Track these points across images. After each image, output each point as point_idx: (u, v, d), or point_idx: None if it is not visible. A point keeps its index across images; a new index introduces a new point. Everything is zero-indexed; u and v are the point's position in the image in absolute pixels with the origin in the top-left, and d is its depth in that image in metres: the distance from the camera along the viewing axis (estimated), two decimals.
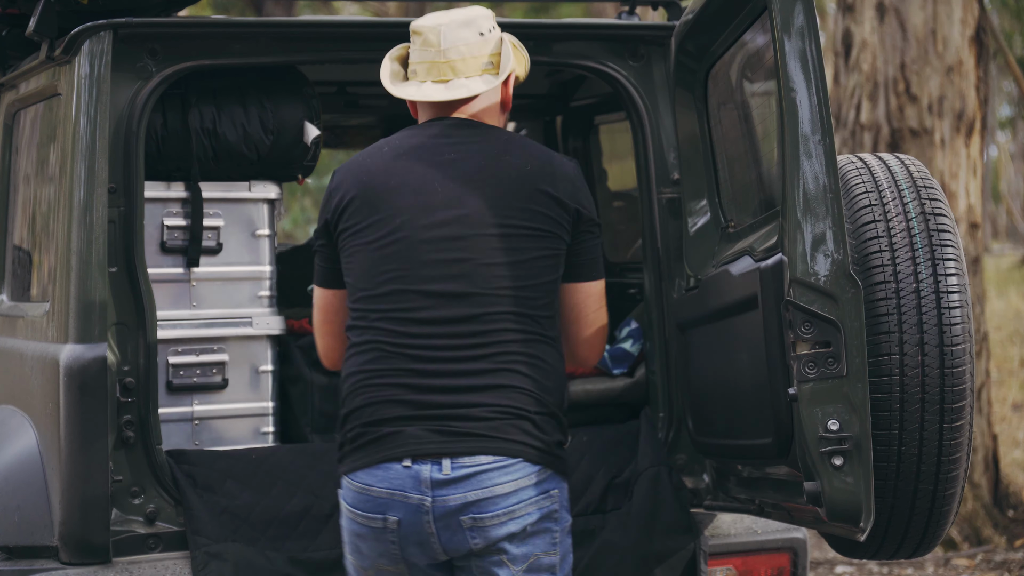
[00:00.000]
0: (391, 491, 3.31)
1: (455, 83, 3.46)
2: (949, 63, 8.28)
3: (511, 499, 3.30)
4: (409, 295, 3.36)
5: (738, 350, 3.76)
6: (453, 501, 3.28)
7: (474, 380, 3.33)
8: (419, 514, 3.30)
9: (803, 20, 3.42)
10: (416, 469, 3.29)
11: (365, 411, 3.36)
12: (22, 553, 3.86)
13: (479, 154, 3.43)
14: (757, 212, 3.91)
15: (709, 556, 4.27)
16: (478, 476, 3.29)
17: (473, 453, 3.29)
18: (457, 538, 3.31)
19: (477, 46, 3.48)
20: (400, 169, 3.43)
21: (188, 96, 4.18)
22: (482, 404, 3.32)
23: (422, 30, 3.48)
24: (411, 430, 3.31)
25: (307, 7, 19.48)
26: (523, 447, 3.32)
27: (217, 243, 4.23)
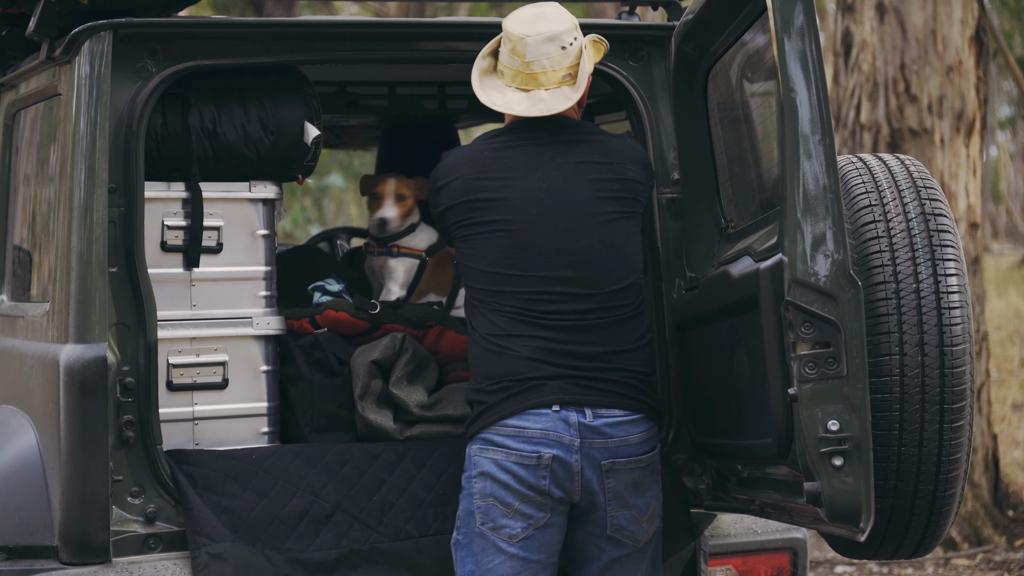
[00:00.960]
0: (544, 431, 3.71)
1: (535, 95, 3.81)
2: (949, 63, 8.28)
3: (641, 448, 3.78)
4: (533, 280, 3.76)
5: (738, 350, 3.76)
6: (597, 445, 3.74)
7: (603, 347, 3.77)
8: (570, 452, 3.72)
9: (803, 20, 3.42)
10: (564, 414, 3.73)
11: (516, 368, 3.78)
12: (22, 553, 3.86)
13: (568, 157, 3.84)
14: (757, 212, 3.91)
15: (709, 556, 4.27)
16: (616, 426, 3.75)
17: (610, 406, 3.74)
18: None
19: (558, 59, 3.82)
20: (503, 164, 3.83)
21: (188, 96, 4.17)
22: (613, 368, 3.78)
23: (512, 38, 3.83)
24: (555, 383, 3.73)
25: (307, 7, 19.49)
26: (644, 404, 3.81)
27: (217, 243, 4.23)
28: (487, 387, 3.78)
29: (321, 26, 4.30)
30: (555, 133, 3.88)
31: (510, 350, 3.76)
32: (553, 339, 3.76)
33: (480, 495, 3.76)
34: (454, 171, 3.88)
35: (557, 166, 3.84)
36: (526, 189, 3.81)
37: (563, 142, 3.88)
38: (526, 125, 3.89)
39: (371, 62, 4.59)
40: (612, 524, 3.79)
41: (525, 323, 3.76)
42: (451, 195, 3.87)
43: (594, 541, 3.82)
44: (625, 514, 3.79)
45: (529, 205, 3.80)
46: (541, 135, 3.88)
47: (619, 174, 3.87)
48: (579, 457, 3.72)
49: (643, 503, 3.82)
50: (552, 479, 3.72)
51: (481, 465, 3.76)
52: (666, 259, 4.27)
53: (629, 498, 3.79)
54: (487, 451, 3.75)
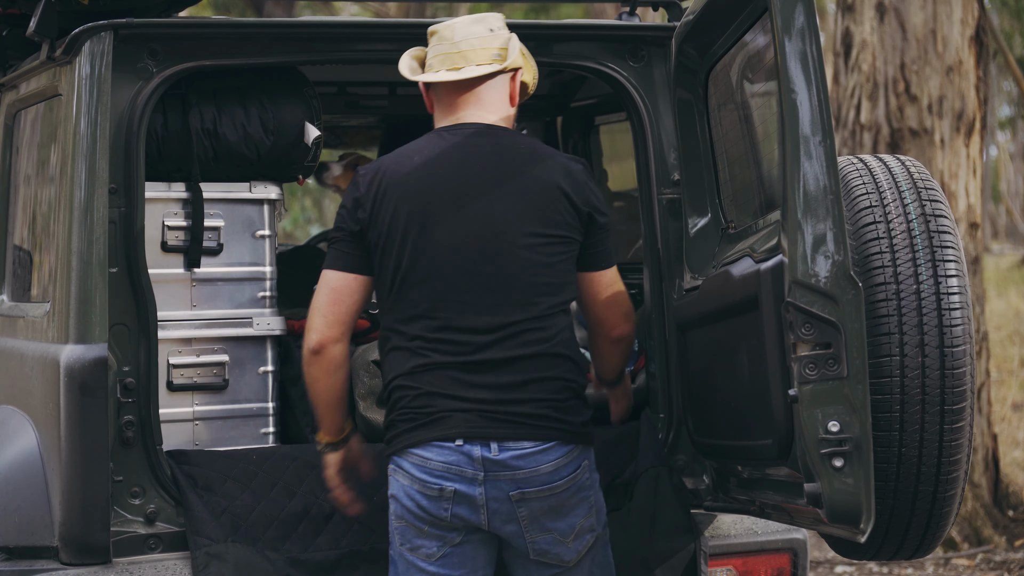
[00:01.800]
0: (447, 464, 3.63)
1: (466, 69, 3.76)
2: (949, 63, 8.28)
3: (556, 475, 3.67)
4: (449, 304, 3.66)
5: (738, 351, 3.76)
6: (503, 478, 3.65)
7: (513, 377, 3.66)
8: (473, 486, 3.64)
9: (803, 21, 3.42)
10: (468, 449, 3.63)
11: (418, 401, 3.68)
12: (22, 553, 3.86)
13: (501, 166, 3.73)
14: (757, 213, 3.91)
15: (709, 557, 4.27)
16: (524, 458, 3.64)
17: (518, 439, 3.64)
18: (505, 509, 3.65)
19: (487, 39, 3.79)
20: (433, 180, 3.71)
21: (188, 96, 4.17)
22: (521, 400, 3.66)
23: (437, 29, 3.82)
24: (460, 416, 3.64)
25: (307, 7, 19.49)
26: (558, 432, 3.68)
27: (218, 243, 4.23)
28: (396, 415, 3.70)
29: (321, 26, 4.30)
30: (482, 139, 3.75)
31: (420, 385, 3.66)
32: (466, 371, 3.65)
33: (394, 516, 3.72)
34: (376, 184, 3.73)
35: (488, 180, 3.71)
36: (451, 215, 3.68)
37: (490, 156, 3.73)
38: (451, 131, 3.76)
39: (371, 62, 4.59)
40: (533, 549, 3.69)
41: (438, 352, 3.66)
42: (371, 204, 3.72)
43: (521, 563, 3.74)
44: (546, 538, 3.69)
45: (452, 235, 3.67)
46: (471, 142, 3.74)
47: (546, 203, 3.70)
48: (483, 490, 3.63)
49: (565, 525, 3.70)
50: (455, 510, 3.64)
51: (392, 487, 3.71)
52: (666, 260, 4.27)
53: (547, 523, 3.68)
54: (397, 474, 3.69)
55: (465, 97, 3.79)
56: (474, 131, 3.77)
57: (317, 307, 3.76)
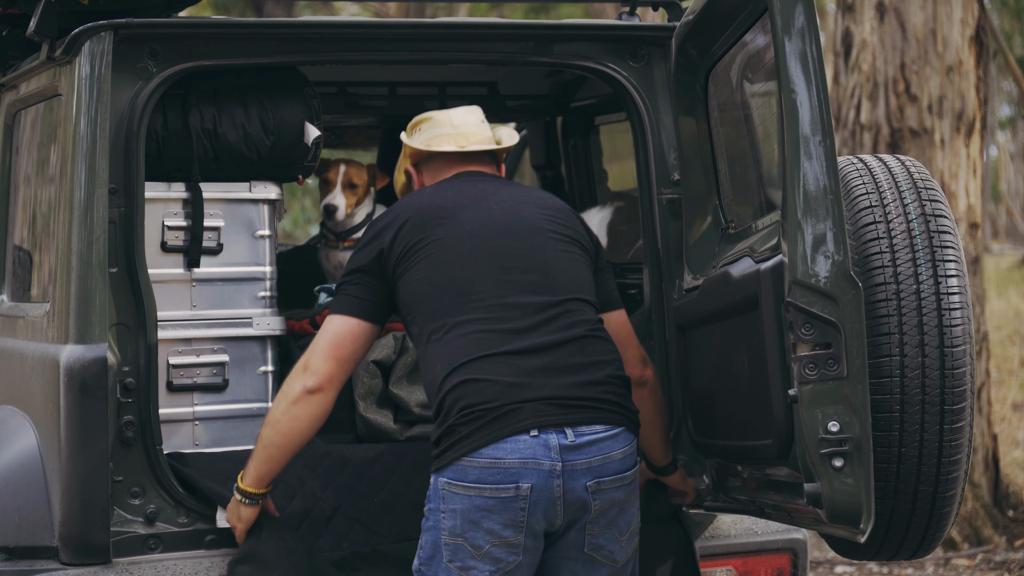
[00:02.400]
0: (522, 460, 3.52)
1: (470, 146, 3.96)
2: (949, 63, 8.28)
3: (625, 463, 3.65)
4: (497, 290, 3.68)
5: (738, 351, 3.76)
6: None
7: (570, 359, 3.63)
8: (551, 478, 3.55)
9: (803, 21, 3.42)
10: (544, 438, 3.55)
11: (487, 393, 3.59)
12: (22, 553, 3.86)
13: (516, 191, 3.92)
14: (757, 213, 3.91)
15: (710, 557, 4.27)
16: (598, 443, 3.60)
17: (590, 423, 3.60)
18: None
19: (482, 127, 4.01)
20: (450, 193, 3.86)
21: (188, 96, 4.17)
22: (585, 383, 3.63)
23: (430, 116, 4.02)
24: (530, 407, 3.56)
25: (307, 7, 19.48)
26: (624, 418, 3.67)
27: (217, 244, 4.23)
28: (456, 418, 3.54)
29: (321, 26, 4.30)
30: (493, 179, 3.96)
31: (479, 376, 3.55)
32: (524, 355, 3.58)
33: (449, 533, 3.54)
34: (396, 211, 3.84)
35: (505, 195, 3.86)
36: (477, 211, 3.79)
37: (504, 183, 3.94)
38: (459, 174, 3.96)
39: (371, 63, 4.59)
40: (590, 543, 3.61)
41: (491, 341, 3.59)
42: (396, 225, 3.78)
43: (570, 565, 3.63)
44: (607, 533, 3.62)
45: (482, 222, 3.76)
46: (479, 178, 3.94)
47: (564, 213, 3.90)
48: (560, 482, 3.52)
49: (624, 523, 3.66)
50: (531, 511, 3.52)
51: (451, 501, 3.53)
52: (666, 260, 4.27)
53: (613, 517, 3.63)
54: (457, 486, 3.52)
55: (465, 166, 3.97)
56: (479, 176, 3.95)
57: (323, 348, 3.73)
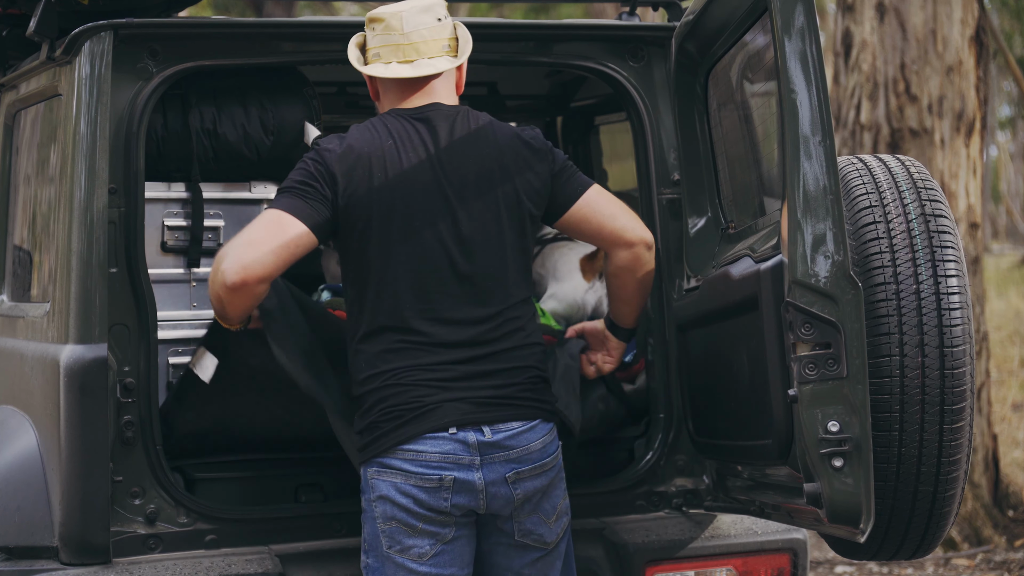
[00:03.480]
0: (443, 454, 3.63)
1: (420, 63, 3.76)
2: (949, 63, 8.28)
3: (544, 452, 3.74)
4: (429, 300, 3.67)
5: (738, 351, 3.76)
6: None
7: (494, 366, 3.70)
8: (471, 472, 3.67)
9: (803, 21, 3.42)
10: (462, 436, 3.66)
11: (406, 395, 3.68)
12: (22, 553, 3.86)
13: (468, 149, 3.73)
14: (757, 213, 3.91)
15: (710, 557, 4.27)
16: (515, 437, 3.70)
17: (507, 420, 3.68)
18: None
19: (436, 30, 3.78)
20: (400, 154, 3.70)
21: (188, 96, 4.17)
22: (503, 385, 3.70)
23: (383, 16, 3.77)
24: (450, 406, 3.65)
25: (307, 7, 19.49)
26: (538, 410, 3.75)
27: (217, 244, 4.23)
28: (379, 416, 3.66)
29: (321, 26, 4.30)
30: (444, 122, 3.74)
31: (401, 382, 3.65)
32: (449, 366, 3.67)
33: (382, 518, 3.65)
34: (356, 164, 3.67)
35: (459, 162, 3.70)
36: (426, 197, 3.68)
37: (455, 135, 3.72)
38: (411, 114, 3.75)
39: None
40: (519, 529, 3.72)
41: (419, 348, 3.67)
42: (352, 192, 3.65)
43: (503, 551, 3.75)
44: (532, 518, 3.73)
45: (429, 218, 3.67)
46: (433, 126, 3.72)
47: (514, 173, 3.73)
48: (481, 474, 3.65)
49: (549, 505, 3.75)
50: (455, 499, 3.64)
51: (379, 488, 3.65)
52: (666, 259, 4.27)
53: (538, 503, 3.73)
54: (384, 474, 3.64)
55: (417, 87, 3.78)
56: (437, 115, 3.74)
57: (258, 240, 3.58)
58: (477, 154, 3.73)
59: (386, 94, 3.82)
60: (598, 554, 4.22)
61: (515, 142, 3.77)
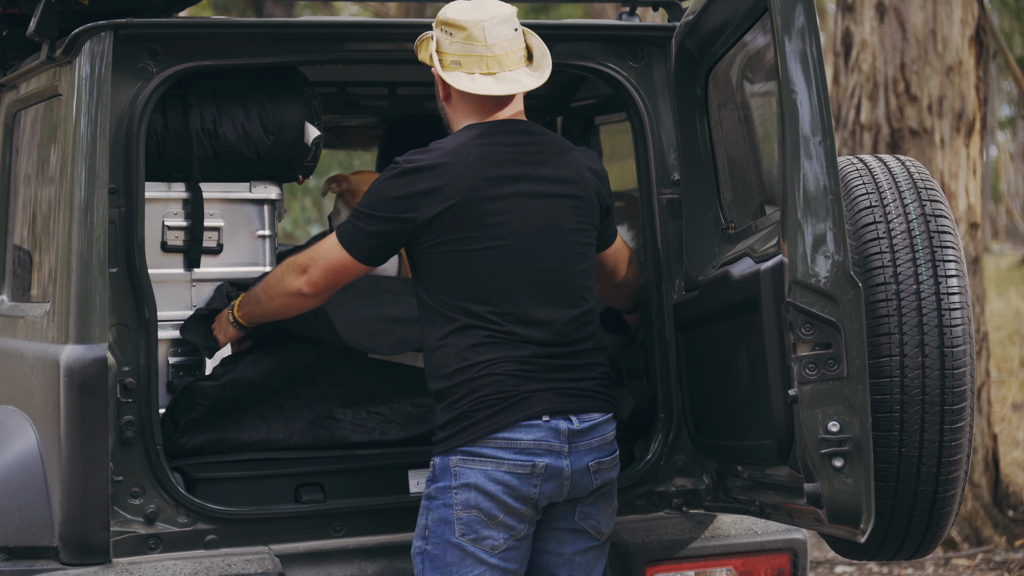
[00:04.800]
0: (536, 441, 3.73)
1: (503, 76, 3.81)
2: (949, 63, 8.28)
3: (614, 445, 3.89)
4: (518, 296, 3.77)
5: (738, 351, 3.76)
6: None
7: (575, 361, 3.83)
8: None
9: (804, 21, 3.43)
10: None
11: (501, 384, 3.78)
12: (22, 554, 3.86)
13: (548, 165, 3.85)
14: (757, 213, 3.91)
15: (710, 557, 4.27)
16: (596, 428, 3.83)
17: (589, 411, 3.81)
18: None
19: (515, 40, 3.84)
20: (492, 168, 3.78)
21: (188, 97, 4.17)
22: (584, 378, 3.83)
23: (465, 24, 3.80)
24: (540, 395, 3.76)
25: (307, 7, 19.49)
26: (611, 405, 3.89)
27: (218, 244, 4.23)
28: (471, 405, 3.73)
29: (321, 26, 4.30)
30: (526, 137, 3.86)
31: (494, 372, 3.74)
32: (536, 354, 3.77)
33: (463, 506, 3.70)
34: (441, 177, 3.76)
35: (539, 176, 3.83)
36: (516, 206, 3.79)
37: (536, 151, 3.85)
38: (497, 128, 3.84)
39: (371, 62, 4.59)
40: (580, 512, 3.82)
41: (509, 343, 3.76)
42: (439, 204, 3.74)
43: (557, 536, 3.84)
44: (596, 505, 3.84)
45: (518, 227, 3.79)
46: (516, 139, 3.84)
47: (584, 195, 3.88)
48: (569, 462, 3.75)
49: (611, 497, 3.90)
50: (543, 486, 3.73)
51: (466, 476, 3.70)
52: (666, 260, 4.27)
53: (604, 492, 3.86)
54: (473, 462, 3.70)
55: (501, 100, 3.86)
56: (518, 131, 3.86)
57: (325, 267, 3.84)
58: (563, 170, 3.85)
59: (466, 102, 3.85)
60: None
61: (587, 166, 3.92)
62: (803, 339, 3.36)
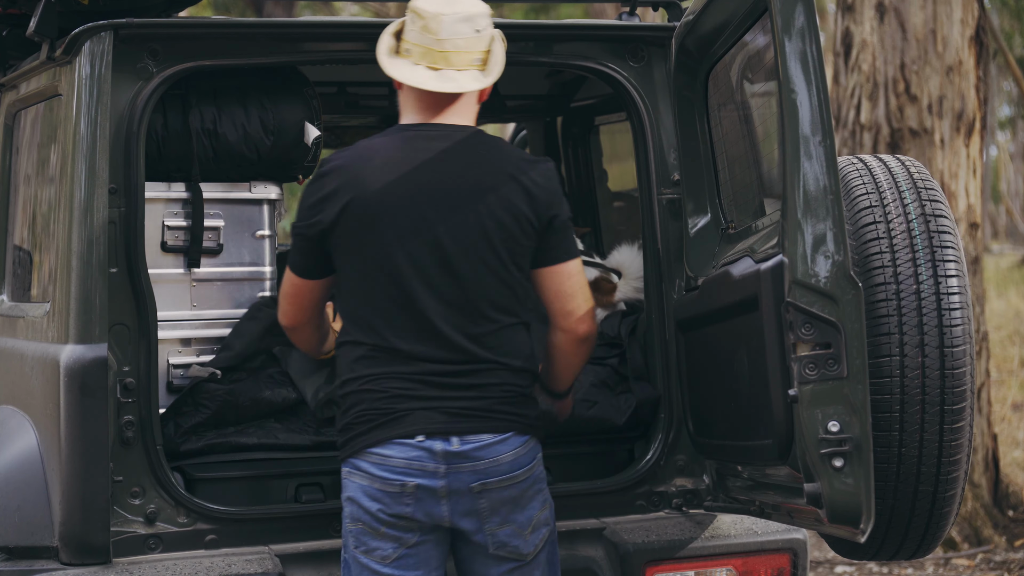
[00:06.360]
0: (408, 460, 3.62)
1: (446, 74, 3.66)
2: (949, 63, 8.28)
3: (514, 465, 3.68)
4: (408, 315, 3.63)
5: (738, 351, 3.76)
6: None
7: (471, 380, 3.66)
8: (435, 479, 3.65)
9: (804, 21, 3.43)
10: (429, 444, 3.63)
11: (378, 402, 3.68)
12: (22, 553, 3.86)
13: (461, 176, 3.64)
14: (757, 213, 3.91)
15: (710, 557, 4.27)
16: (483, 449, 3.65)
17: (477, 432, 3.65)
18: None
19: (472, 41, 3.68)
20: (392, 190, 3.64)
21: (189, 96, 4.17)
22: (478, 397, 3.66)
23: (424, 15, 3.67)
24: (419, 414, 3.64)
25: (307, 7, 19.49)
26: (513, 423, 3.69)
27: (217, 244, 4.23)
28: (354, 418, 3.67)
29: (321, 26, 4.30)
30: (448, 144, 3.66)
31: (377, 385, 3.65)
32: (425, 371, 3.64)
33: (350, 519, 3.67)
34: (340, 178, 3.65)
35: (448, 191, 3.63)
36: (418, 215, 3.61)
37: (455, 161, 3.65)
38: (421, 132, 3.68)
39: (371, 62, 4.58)
40: (493, 542, 3.68)
41: (394, 357, 3.64)
42: (338, 204, 3.63)
43: (480, 560, 3.72)
44: (505, 530, 3.68)
45: (418, 248, 3.62)
46: (436, 145, 3.65)
47: (502, 210, 3.63)
48: (445, 483, 3.61)
49: (524, 518, 3.70)
50: (416, 506, 3.62)
51: (348, 490, 3.67)
52: (666, 260, 4.27)
53: (508, 514, 3.68)
54: (353, 476, 3.66)
55: (437, 98, 3.69)
56: (441, 136, 3.67)
57: (284, 294, 3.85)
58: (482, 183, 3.64)
59: (409, 97, 3.72)
60: (598, 554, 4.22)
61: (519, 181, 3.65)
62: (803, 339, 3.36)
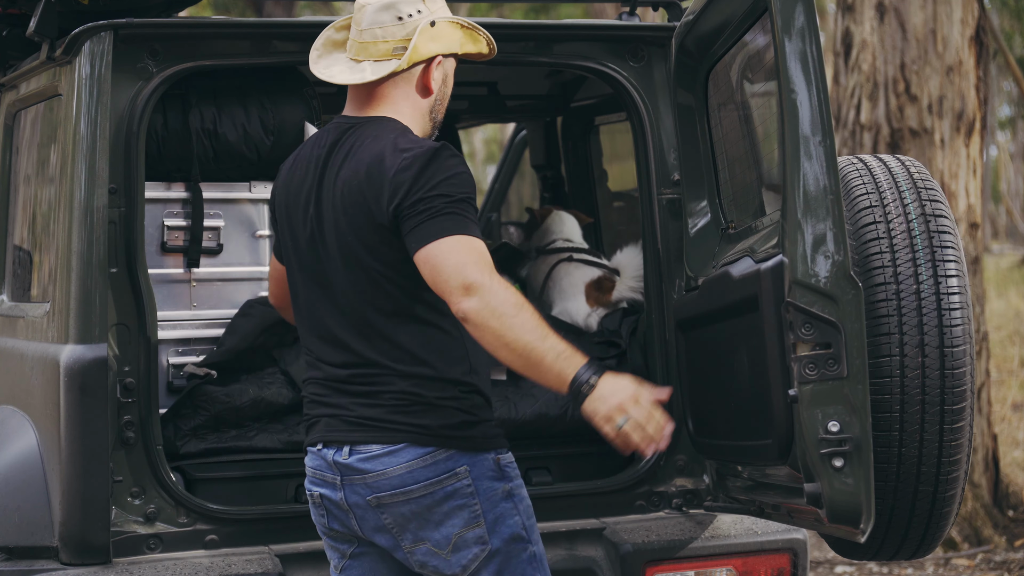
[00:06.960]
0: (314, 469, 3.53)
1: (359, 65, 3.45)
2: (949, 63, 8.28)
3: (410, 478, 3.40)
4: (309, 319, 3.53)
5: (738, 351, 3.76)
6: None
7: (365, 387, 3.43)
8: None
9: (804, 21, 3.43)
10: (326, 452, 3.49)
11: None
12: (22, 553, 3.86)
13: (337, 170, 3.43)
14: (757, 213, 3.91)
15: (710, 557, 4.27)
16: (370, 460, 3.42)
17: (367, 442, 3.42)
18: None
19: (392, 30, 3.44)
20: (289, 187, 3.55)
21: (189, 96, 4.17)
22: (371, 405, 3.43)
23: (356, 5, 3.49)
24: (324, 421, 3.51)
25: (307, 7, 19.50)
26: (407, 434, 3.41)
27: (217, 244, 4.23)
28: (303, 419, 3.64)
29: (321, 26, 4.29)
30: (340, 136, 3.46)
31: (306, 389, 3.56)
32: (330, 376, 3.46)
33: None
34: (280, 172, 3.61)
35: (328, 186, 3.44)
36: (308, 215, 3.46)
37: (338, 153, 3.43)
38: (331, 126, 3.50)
39: None
40: (416, 561, 3.44)
41: (313, 363, 3.52)
42: (272, 204, 3.63)
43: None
44: (421, 548, 3.43)
45: (310, 234, 3.47)
46: (331, 139, 3.47)
47: (356, 203, 3.36)
48: (343, 495, 3.44)
49: (440, 536, 3.40)
50: (330, 517, 3.50)
51: None
52: (666, 260, 4.27)
53: (419, 532, 3.42)
54: None
55: (363, 90, 3.48)
56: (341, 126, 3.48)
57: (269, 275, 3.85)
58: (345, 174, 3.40)
59: (348, 91, 3.54)
60: (598, 554, 4.22)
61: (376, 167, 3.36)
62: (803, 339, 3.36)
